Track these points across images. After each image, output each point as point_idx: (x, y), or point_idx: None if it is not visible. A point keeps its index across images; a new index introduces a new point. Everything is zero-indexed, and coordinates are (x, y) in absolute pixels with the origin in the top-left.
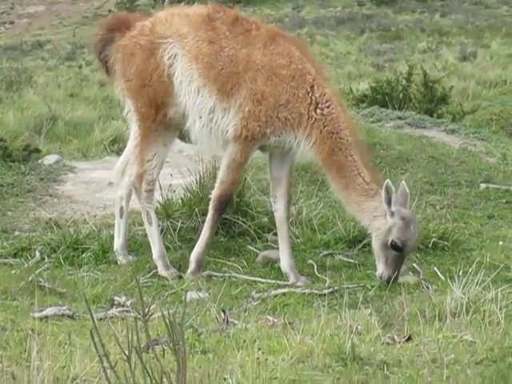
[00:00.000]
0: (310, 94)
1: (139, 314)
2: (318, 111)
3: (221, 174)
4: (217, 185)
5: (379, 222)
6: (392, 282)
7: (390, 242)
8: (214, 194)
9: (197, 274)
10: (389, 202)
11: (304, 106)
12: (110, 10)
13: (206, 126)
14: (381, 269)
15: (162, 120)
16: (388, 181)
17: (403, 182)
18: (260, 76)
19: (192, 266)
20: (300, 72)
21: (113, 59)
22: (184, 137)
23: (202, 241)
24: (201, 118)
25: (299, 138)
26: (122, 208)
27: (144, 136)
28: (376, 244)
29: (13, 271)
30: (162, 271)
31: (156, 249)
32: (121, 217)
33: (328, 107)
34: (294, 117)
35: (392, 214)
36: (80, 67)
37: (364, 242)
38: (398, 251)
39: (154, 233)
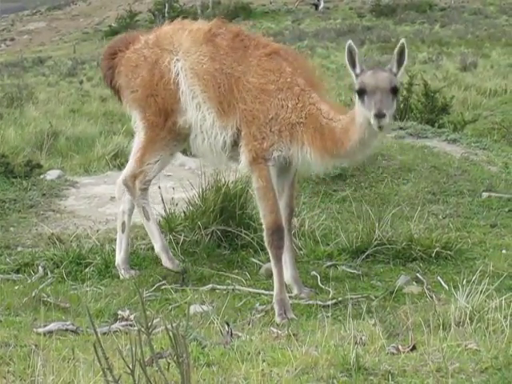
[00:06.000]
0: (298, 104)
1: (143, 327)
2: (303, 114)
3: (259, 209)
4: (262, 220)
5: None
6: (381, 116)
7: (356, 95)
8: (264, 230)
9: (284, 316)
10: (353, 64)
11: (295, 116)
12: (110, 26)
13: (207, 141)
14: (368, 111)
15: (171, 128)
16: (350, 41)
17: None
18: (249, 95)
19: (276, 308)
20: (288, 85)
21: (116, 72)
22: (186, 150)
23: (275, 282)
24: (202, 132)
25: (298, 146)
26: (123, 222)
27: (150, 142)
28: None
29: (16, 287)
30: (166, 263)
31: (157, 242)
32: (123, 231)
33: (307, 101)
34: (287, 128)
35: (357, 76)
36: (81, 83)
37: (367, 252)
38: (366, 93)
39: (152, 227)
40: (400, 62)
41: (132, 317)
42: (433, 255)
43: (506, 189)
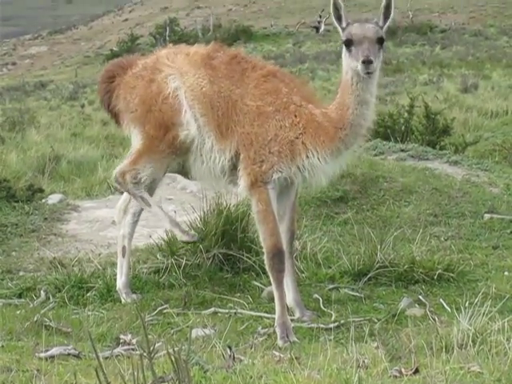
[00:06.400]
0: (296, 120)
1: (145, 351)
2: (300, 125)
3: (259, 232)
4: (262, 244)
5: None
6: (369, 63)
7: (344, 47)
8: (265, 253)
9: (286, 339)
10: (339, 19)
11: (293, 132)
12: (111, 50)
13: (206, 165)
14: (356, 61)
15: (171, 142)
16: None
17: None
18: (247, 119)
19: (278, 332)
20: (284, 105)
21: (114, 96)
22: (187, 174)
23: (277, 305)
24: (201, 156)
25: (303, 157)
26: (124, 247)
27: (148, 150)
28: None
29: (18, 311)
30: (181, 238)
31: (167, 220)
32: (123, 256)
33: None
34: (287, 146)
35: (343, 29)
36: (82, 106)
37: (369, 275)
38: (352, 44)
39: (157, 211)
40: (386, 16)
41: (134, 341)
42: (435, 277)
43: (508, 210)
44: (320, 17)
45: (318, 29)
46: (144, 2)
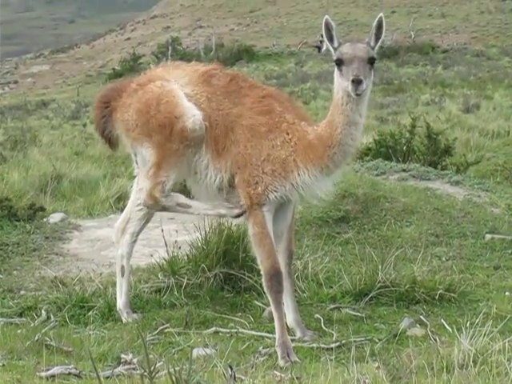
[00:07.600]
0: (287, 137)
1: (145, 371)
2: (292, 143)
3: (256, 255)
4: (259, 266)
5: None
6: (358, 82)
7: (335, 67)
8: (262, 275)
9: (287, 359)
10: (330, 39)
11: (284, 150)
12: (113, 69)
13: (203, 182)
14: (346, 80)
15: (182, 135)
16: (327, 16)
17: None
18: (242, 139)
19: (279, 352)
20: (276, 124)
21: (112, 121)
22: (189, 193)
23: (277, 325)
24: (196, 173)
25: (295, 175)
26: (123, 267)
27: (164, 156)
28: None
29: (19, 331)
30: (232, 213)
31: (210, 207)
32: (122, 275)
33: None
34: (280, 165)
35: (335, 49)
36: (84, 126)
37: (371, 295)
38: (343, 63)
39: (198, 206)
40: (378, 36)
41: (135, 360)
42: (436, 297)
43: (509, 230)
44: (322, 36)
45: (319, 48)
46: (146, 22)
